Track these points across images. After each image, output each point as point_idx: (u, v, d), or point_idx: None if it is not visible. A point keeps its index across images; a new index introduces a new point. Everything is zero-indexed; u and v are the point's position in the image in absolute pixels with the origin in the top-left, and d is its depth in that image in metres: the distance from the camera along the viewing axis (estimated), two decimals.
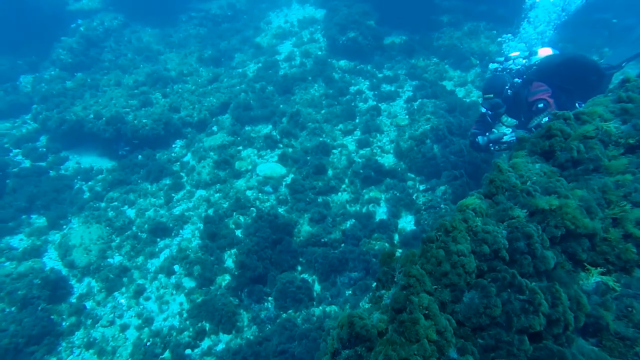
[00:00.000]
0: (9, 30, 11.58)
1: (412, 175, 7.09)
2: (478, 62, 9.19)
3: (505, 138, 4.95)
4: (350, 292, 5.45)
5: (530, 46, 5.67)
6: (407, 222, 6.37)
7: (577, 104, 4.74)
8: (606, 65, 5.08)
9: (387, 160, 7.46)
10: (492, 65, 5.48)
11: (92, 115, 8.69)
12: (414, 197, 6.60)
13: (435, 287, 2.31)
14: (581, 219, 2.47)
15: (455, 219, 2.43)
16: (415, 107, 8.29)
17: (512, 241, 2.41)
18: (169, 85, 10.00)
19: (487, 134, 5.20)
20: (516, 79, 5.09)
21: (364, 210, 6.69)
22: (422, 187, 6.79)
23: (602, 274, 2.35)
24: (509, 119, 5.24)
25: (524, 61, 5.16)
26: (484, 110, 5.24)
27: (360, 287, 5.37)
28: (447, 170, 6.50)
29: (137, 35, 11.93)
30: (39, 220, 7.45)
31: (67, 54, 10.65)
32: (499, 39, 9.17)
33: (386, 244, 5.93)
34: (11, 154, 8.92)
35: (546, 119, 4.30)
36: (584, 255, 2.42)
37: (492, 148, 5.06)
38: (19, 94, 10.35)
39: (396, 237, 6.12)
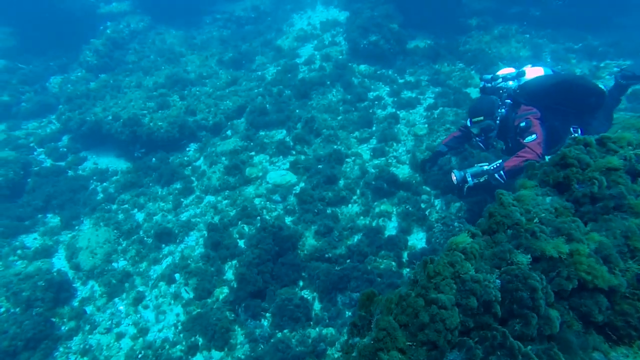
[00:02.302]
0: (42, 34, 12.05)
1: (428, 189, 6.65)
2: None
3: (486, 168, 4.24)
4: (350, 313, 5.12)
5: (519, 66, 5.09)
6: (418, 239, 5.96)
7: (571, 129, 4.27)
8: (629, 74, 4.54)
9: (402, 171, 7.05)
10: (481, 84, 4.99)
11: (110, 117, 8.79)
12: (426, 212, 6.17)
13: (411, 343, 1.97)
14: (600, 270, 2.05)
15: (440, 263, 2.08)
16: (436, 116, 7.82)
17: (510, 293, 2.02)
18: (187, 87, 10.00)
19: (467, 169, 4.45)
20: (508, 101, 4.62)
21: (373, 224, 6.33)
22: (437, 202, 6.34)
23: (621, 340, 1.93)
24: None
25: (511, 83, 4.62)
26: (474, 135, 4.75)
27: None
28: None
29: (162, 37, 12.07)
30: (54, 220, 7.58)
31: (93, 56, 10.91)
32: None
33: (393, 263, 5.56)
34: (35, 153, 9.19)
35: None
36: (600, 317, 1.99)
37: (472, 183, 4.29)
38: (48, 94, 10.69)
39: (405, 255, 5.73)
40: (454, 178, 4.34)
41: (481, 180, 4.27)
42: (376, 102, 8.74)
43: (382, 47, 9.60)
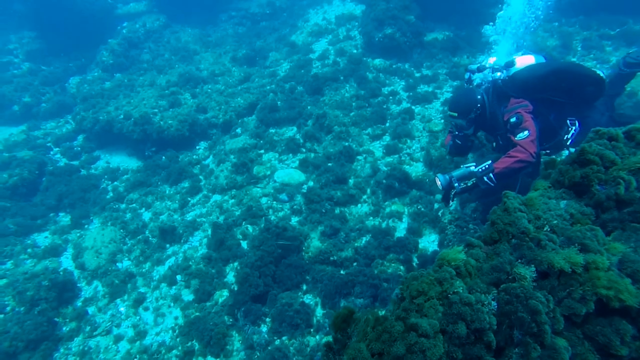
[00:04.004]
0: (63, 36, 12.27)
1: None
2: None
3: (474, 170, 3.75)
4: None
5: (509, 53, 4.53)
6: (430, 242, 5.55)
7: (568, 121, 3.83)
8: (634, 61, 3.96)
9: (416, 169, 6.64)
10: (466, 75, 4.46)
11: (122, 116, 8.79)
12: (439, 213, 5.75)
13: None
14: (624, 284, 1.65)
15: (425, 280, 1.74)
16: None
17: (508, 316, 1.66)
18: (199, 85, 9.90)
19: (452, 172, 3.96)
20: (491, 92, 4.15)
21: (383, 225, 5.97)
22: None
23: None
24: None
25: (499, 74, 4.10)
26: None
27: None
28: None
29: (177, 35, 12.06)
30: (65, 219, 7.61)
31: (109, 56, 11.00)
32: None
33: (401, 267, 5.18)
34: (51, 153, 9.32)
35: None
36: (624, 350, 1.60)
37: (458, 187, 3.80)
38: (66, 95, 10.85)
39: (415, 258, 5.34)
40: (438, 183, 3.85)
41: (469, 183, 3.81)
42: (390, 97, 8.32)
43: (397, 40, 9.15)
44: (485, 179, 3.63)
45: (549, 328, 1.54)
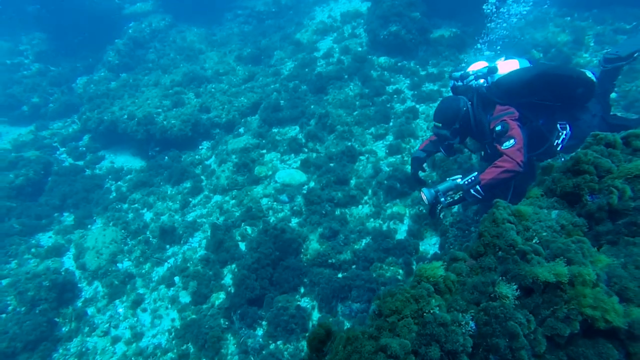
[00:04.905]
0: (72, 37, 12.40)
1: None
2: (541, 55, 7.72)
3: (460, 182, 3.62)
4: (349, 325, 4.69)
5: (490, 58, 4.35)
6: (431, 245, 5.41)
7: (558, 126, 3.66)
8: (613, 56, 3.86)
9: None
10: (450, 83, 4.32)
11: (125, 116, 8.81)
12: (441, 215, 5.58)
13: None
14: (610, 303, 1.51)
15: (400, 298, 1.62)
16: None
17: (485, 338, 1.54)
18: (203, 84, 9.88)
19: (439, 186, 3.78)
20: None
21: (384, 227, 5.84)
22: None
23: None
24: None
25: (482, 81, 3.92)
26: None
27: (360, 320, 4.58)
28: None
29: (182, 34, 12.06)
30: (69, 219, 7.67)
31: (115, 56, 11.06)
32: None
33: (400, 271, 5.06)
34: (57, 152, 9.42)
35: None
36: None
37: (445, 201, 3.67)
38: (73, 95, 10.96)
39: (415, 261, 5.20)
40: (424, 198, 3.69)
41: (455, 197, 3.66)
42: (395, 96, 8.16)
43: (403, 38, 8.97)
44: (472, 191, 3.49)
45: (526, 354, 1.42)
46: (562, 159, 3.40)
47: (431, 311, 1.59)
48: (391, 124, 7.59)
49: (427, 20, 9.12)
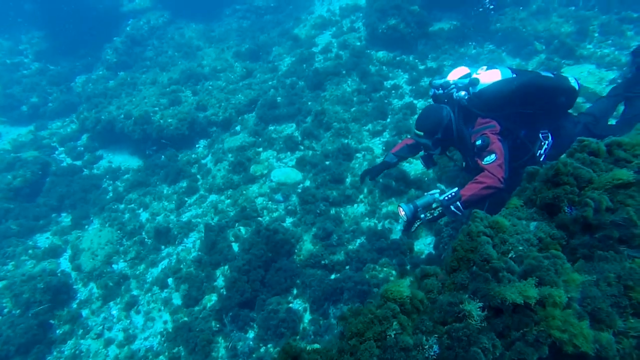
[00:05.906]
0: (70, 35, 12.35)
1: (442, 187, 5.91)
2: (544, 47, 7.49)
3: (440, 198, 3.47)
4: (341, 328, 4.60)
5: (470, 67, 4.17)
6: (425, 245, 5.29)
7: (540, 135, 3.59)
8: None
9: (416, 167, 6.34)
10: (430, 91, 4.17)
11: (122, 115, 8.77)
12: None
13: None
14: (579, 327, 1.40)
15: (363, 319, 1.53)
16: None
17: None
18: (200, 82, 9.79)
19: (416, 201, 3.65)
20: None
21: (379, 226, 5.74)
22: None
23: None
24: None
25: (463, 93, 3.75)
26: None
27: None
28: None
29: (181, 31, 11.97)
30: (67, 220, 7.67)
31: (113, 54, 11.01)
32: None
33: (393, 272, 4.95)
34: (56, 152, 9.42)
35: None
36: None
37: (424, 218, 3.52)
38: (72, 94, 10.95)
39: (409, 262, 5.09)
40: (402, 213, 3.54)
41: (435, 213, 3.53)
42: (393, 91, 8.01)
43: (401, 32, 8.78)
44: (452, 207, 3.35)
45: None
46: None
47: (393, 334, 1.49)
48: (388, 120, 7.45)
49: (426, 13, 8.92)
